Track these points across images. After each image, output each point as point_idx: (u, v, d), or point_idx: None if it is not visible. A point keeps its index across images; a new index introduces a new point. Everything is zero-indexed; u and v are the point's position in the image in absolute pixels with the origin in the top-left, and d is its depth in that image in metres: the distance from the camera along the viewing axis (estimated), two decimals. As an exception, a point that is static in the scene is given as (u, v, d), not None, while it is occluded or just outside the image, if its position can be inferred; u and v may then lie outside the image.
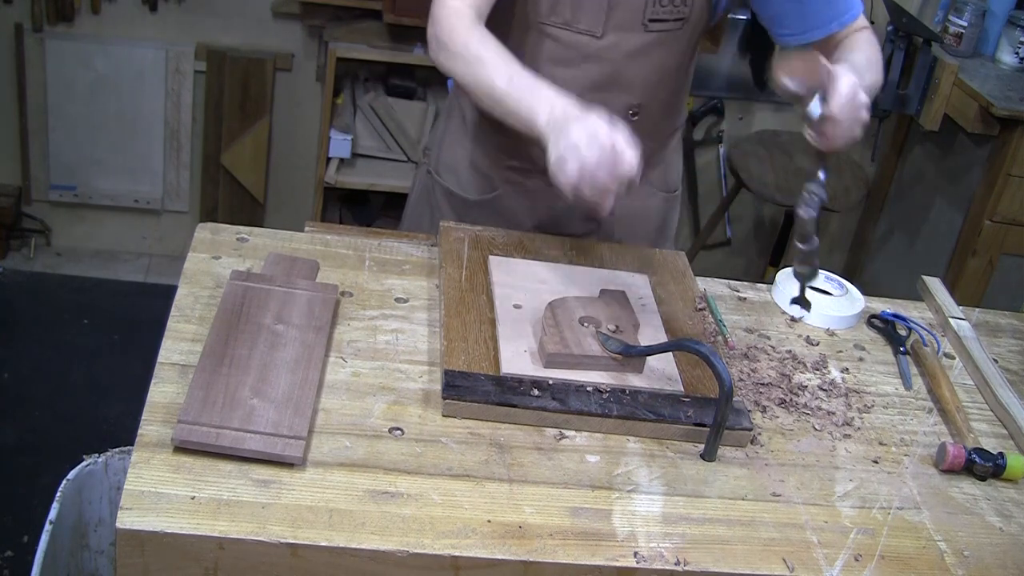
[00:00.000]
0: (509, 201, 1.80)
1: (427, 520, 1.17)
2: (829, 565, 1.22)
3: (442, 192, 1.87)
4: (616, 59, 1.64)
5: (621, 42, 1.62)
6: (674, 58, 1.68)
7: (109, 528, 1.68)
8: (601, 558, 1.17)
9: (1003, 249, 3.13)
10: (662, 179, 1.86)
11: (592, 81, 1.65)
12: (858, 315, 1.71)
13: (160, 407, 1.26)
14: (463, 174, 1.83)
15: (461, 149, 1.83)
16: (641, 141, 1.72)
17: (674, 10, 1.61)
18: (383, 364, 1.41)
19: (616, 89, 1.67)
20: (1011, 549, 1.30)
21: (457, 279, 1.56)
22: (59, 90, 3.28)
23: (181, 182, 3.51)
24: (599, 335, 1.42)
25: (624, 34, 1.61)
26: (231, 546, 1.11)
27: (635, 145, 1.32)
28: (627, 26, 1.61)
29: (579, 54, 1.63)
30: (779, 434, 1.42)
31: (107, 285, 3.44)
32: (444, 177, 1.86)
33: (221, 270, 1.53)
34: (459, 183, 1.84)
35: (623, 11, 1.59)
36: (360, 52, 3.21)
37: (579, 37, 1.62)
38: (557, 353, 1.39)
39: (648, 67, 1.66)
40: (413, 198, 1.97)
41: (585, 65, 1.64)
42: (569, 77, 1.64)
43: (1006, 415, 1.54)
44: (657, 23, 1.61)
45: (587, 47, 1.62)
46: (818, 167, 1.44)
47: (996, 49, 3.35)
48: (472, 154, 1.81)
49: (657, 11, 1.60)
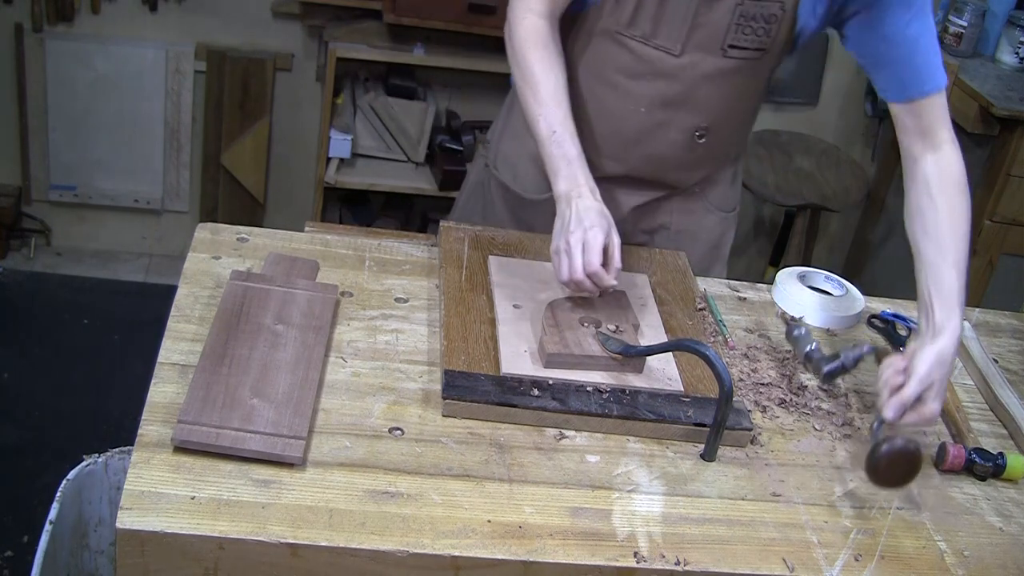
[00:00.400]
0: None
1: (427, 520, 1.17)
2: (829, 565, 1.22)
3: (497, 187, 1.85)
4: (689, 80, 1.61)
5: (698, 63, 1.60)
6: (748, 86, 1.67)
7: (109, 528, 1.68)
8: (601, 558, 1.17)
9: (1003, 249, 3.13)
10: (721, 198, 1.85)
11: (662, 98, 1.64)
12: (858, 315, 1.71)
13: (160, 407, 1.25)
14: (521, 170, 1.82)
15: (521, 145, 1.80)
16: (704, 163, 1.73)
17: (756, 40, 1.58)
18: (383, 364, 1.41)
19: (685, 110, 1.65)
20: (1011, 549, 1.30)
21: (457, 279, 1.56)
22: (59, 90, 3.28)
23: (181, 182, 3.51)
24: (599, 335, 1.42)
25: (702, 56, 1.59)
26: (231, 546, 1.11)
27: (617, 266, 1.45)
28: (706, 48, 1.58)
29: (652, 69, 1.61)
30: (779, 434, 1.42)
31: (107, 285, 3.44)
32: (501, 172, 1.84)
33: (221, 270, 1.53)
34: (516, 179, 1.83)
35: (705, 33, 1.57)
36: (360, 52, 3.21)
37: (655, 52, 1.60)
38: (557, 353, 1.39)
39: (721, 91, 1.64)
40: (467, 190, 1.95)
41: (657, 81, 1.62)
42: (639, 91, 1.64)
43: (1006, 415, 1.54)
44: (737, 50, 1.58)
45: (661, 63, 1.60)
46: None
47: (996, 49, 3.35)
48: (533, 151, 1.77)
49: (739, 38, 1.57)
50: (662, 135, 1.68)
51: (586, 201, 1.47)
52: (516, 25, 1.59)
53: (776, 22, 1.56)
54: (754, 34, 1.57)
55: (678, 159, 1.72)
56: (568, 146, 1.51)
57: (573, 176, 1.49)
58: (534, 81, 1.55)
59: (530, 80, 1.56)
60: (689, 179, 1.78)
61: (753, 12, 1.55)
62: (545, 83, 1.55)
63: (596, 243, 1.43)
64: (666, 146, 1.69)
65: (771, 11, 1.55)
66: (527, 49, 1.57)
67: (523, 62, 1.57)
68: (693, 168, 1.76)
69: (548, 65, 1.56)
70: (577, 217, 1.45)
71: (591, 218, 1.45)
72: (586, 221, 1.44)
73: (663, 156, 1.71)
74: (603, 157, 1.71)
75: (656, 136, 1.68)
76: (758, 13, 1.55)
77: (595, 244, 1.43)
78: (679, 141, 1.68)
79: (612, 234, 1.46)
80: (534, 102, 1.55)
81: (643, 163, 1.72)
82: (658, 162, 1.72)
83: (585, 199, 1.47)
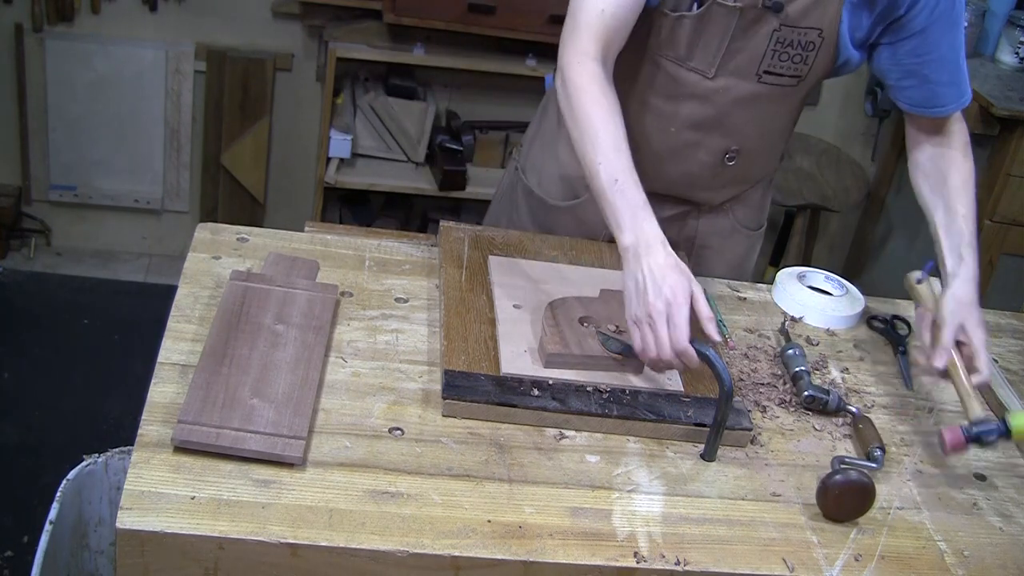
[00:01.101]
0: (590, 211, 1.69)
1: (427, 520, 1.17)
2: (829, 565, 1.22)
3: (523, 191, 1.85)
4: (722, 103, 1.61)
5: (731, 87, 1.59)
6: (782, 111, 1.66)
7: (109, 528, 1.68)
8: (601, 558, 1.17)
9: (1003, 249, 3.13)
10: (750, 217, 1.84)
11: (694, 119, 1.63)
12: (858, 315, 1.71)
13: (160, 407, 1.25)
14: (547, 176, 1.81)
15: (549, 151, 1.80)
16: (733, 184, 1.73)
17: (792, 67, 1.57)
18: (383, 364, 1.41)
19: (717, 132, 1.64)
20: (1011, 549, 1.30)
21: (457, 279, 1.56)
22: (59, 90, 3.28)
23: (181, 182, 3.51)
24: (599, 335, 1.42)
25: (736, 80, 1.58)
26: (231, 546, 1.11)
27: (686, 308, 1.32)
28: (741, 73, 1.57)
29: (686, 91, 1.60)
30: (779, 434, 1.42)
31: (107, 285, 3.44)
32: (528, 176, 1.84)
33: (221, 270, 1.53)
34: (541, 185, 1.82)
35: (740, 58, 1.56)
36: (360, 52, 3.21)
37: (689, 74, 1.59)
38: (557, 353, 1.39)
39: (753, 116, 1.63)
40: (499, 193, 1.95)
41: (689, 103, 1.61)
42: (672, 111, 1.63)
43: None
44: (772, 76, 1.58)
45: (696, 86, 1.59)
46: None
47: (996, 49, 3.35)
48: (560, 157, 1.78)
49: (775, 65, 1.56)
50: (692, 155, 1.67)
51: (658, 258, 1.33)
52: (569, 70, 1.47)
53: (814, 49, 1.55)
54: (791, 61, 1.56)
55: (707, 179, 1.71)
56: (632, 194, 1.38)
57: (639, 227, 1.36)
58: (593, 131, 1.43)
59: (587, 129, 1.44)
60: (717, 198, 1.77)
61: (791, 39, 1.54)
62: (604, 132, 1.42)
63: (682, 318, 1.31)
64: (696, 166, 1.69)
65: (809, 38, 1.54)
66: (583, 96, 1.45)
67: (579, 110, 1.45)
68: (722, 188, 1.75)
69: (606, 113, 1.44)
70: (653, 280, 1.32)
71: (671, 281, 1.32)
72: (666, 288, 1.31)
73: (692, 175, 1.70)
74: None
75: (686, 156, 1.68)
76: (796, 40, 1.54)
77: (680, 320, 1.31)
78: (709, 162, 1.68)
79: (695, 290, 1.33)
80: (592, 151, 1.42)
81: (672, 182, 1.72)
82: (687, 181, 1.72)
83: (656, 255, 1.34)
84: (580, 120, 1.45)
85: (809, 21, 1.53)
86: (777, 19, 1.52)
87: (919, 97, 1.62)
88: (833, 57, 1.58)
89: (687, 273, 1.34)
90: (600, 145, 1.41)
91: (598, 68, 1.47)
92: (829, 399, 1.46)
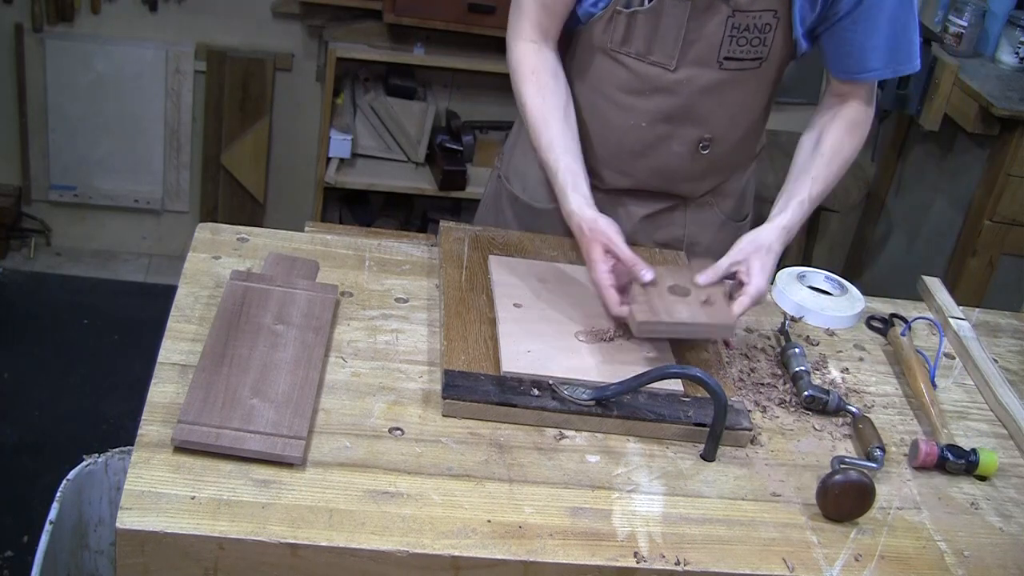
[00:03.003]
0: None
1: (427, 520, 1.17)
2: (829, 565, 1.22)
3: (508, 198, 1.85)
4: (688, 94, 1.61)
5: (694, 77, 1.60)
6: (750, 95, 1.66)
7: (109, 528, 1.68)
8: (601, 558, 1.17)
9: (1003, 249, 3.13)
10: (733, 208, 1.85)
11: (663, 112, 1.64)
12: (858, 315, 1.71)
13: (160, 407, 1.25)
14: (531, 181, 1.81)
15: (531, 155, 1.79)
16: (711, 173, 1.73)
17: (751, 50, 1.58)
18: (383, 364, 1.41)
19: (687, 123, 1.65)
20: (1011, 549, 1.30)
21: (457, 279, 1.56)
22: (59, 90, 3.28)
23: (181, 182, 3.51)
24: (561, 390, 1.38)
25: (698, 70, 1.59)
26: (231, 546, 1.11)
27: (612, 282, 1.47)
28: (702, 62, 1.58)
29: (651, 85, 1.62)
30: (779, 434, 1.42)
31: (107, 285, 3.44)
32: (512, 183, 1.85)
33: (221, 270, 1.53)
34: (526, 190, 1.83)
35: (699, 48, 1.57)
36: (360, 52, 3.21)
37: (651, 68, 1.60)
38: (647, 321, 1.40)
39: (721, 103, 1.64)
40: (484, 202, 1.96)
41: (656, 97, 1.62)
42: (640, 106, 1.64)
43: (1006, 415, 1.54)
44: (733, 61, 1.58)
45: (659, 79, 1.61)
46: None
47: (996, 49, 3.35)
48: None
49: (734, 50, 1.57)
50: (666, 148, 1.68)
51: (575, 224, 1.51)
52: (510, 52, 1.65)
53: (771, 31, 1.56)
54: (749, 45, 1.57)
55: (684, 170, 1.72)
56: (552, 170, 1.56)
57: (565, 202, 1.53)
58: (525, 110, 1.61)
59: (521, 107, 1.62)
60: (698, 189, 1.78)
61: (746, 23, 1.55)
62: (531, 107, 1.60)
63: (593, 275, 1.47)
64: (671, 158, 1.69)
65: (764, 20, 1.55)
66: (517, 75, 1.63)
67: (516, 88, 1.63)
68: (701, 178, 1.76)
69: (536, 89, 1.60)
70: (585, 253, 1.48)
71: (583, 247, 1.49)
72: (590, 258, 1.47)
73: (669, 168, 1.71)
74: (609, 170, 1.72)
75: (660, 149, 1.68)
76: (751, 24, 1.55)
77: (594, 277, 1.47)
78: (683, 153, 1.68)
79: (607, 242, 1.46)
80: (531, 131, 1.61)
81: (649, 176, 1.72)
82: (664, 174, 1.72)
83: (574, 225, 1.51)
84: (517, 97, 1.63)
85: (761, 3, 1.54)
86: (728, 6, 1.53)
87: (848, 64, 1.62)
88: (791, 36, 1.59)
89: (595, 232, 1.47)
90: (529, 120, 1.60)
91: (533, 47, 1.62)
92: (829, 399, 1.46)
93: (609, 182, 1.73)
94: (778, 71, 1.66)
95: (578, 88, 1.68)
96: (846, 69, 1.62)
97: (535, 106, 1.60)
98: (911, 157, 3.59)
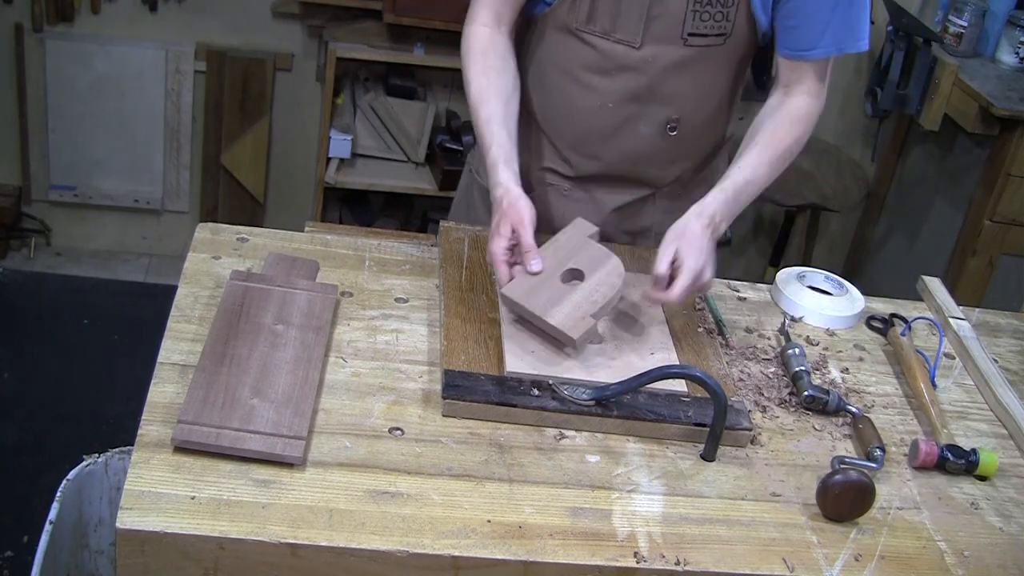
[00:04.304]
0: (545, 204, 1.77)
1: (427, 520, 1.17)
2: (829, 565, 1.22)
3: (479, 191, 1.86)
4: (653, 72, 1.62)
5: (660, 55, 1.60)
6: (715, 74, 1.66)
7: (109, 528, 1.68)
8: (601, 558, 1.17)
9: (1003, 249, 3.13)
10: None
11: (629, 92, 1.64)
12: (858, 315, 1.71)
13: (160, 407, 1.25)
14: None
15: None
16: (680, 157, 1.73)
17: (715, 25, 1.58)
18: (383, 364, 1.41)
19: (654, 102, 1.65)
20: (1011, 549, 1.30)
21: (457, 279, 1.56)
22: (59, 90, 3.28)
23: (181, 182, 3.51)
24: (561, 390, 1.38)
25: (663, 47, 1.59)
26: (231, 546, 1.11)
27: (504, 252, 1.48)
28: (666, 39, 1.59)
29: (616, 64, 1.62)
30: (779, 434, 1.42)
31: (107, 285, 3.44)
32: (482, 175, 1.84)
33: (221, 270, 1.53)
34: None
35: (662, 24, 1.57)
36: (360, 52, 3.21)
37: (616, 47, 1.60)
38: (508, 297, 1.43)
39: (688, 81, 1.64)
40: (457, 196, 1.97)
41: (622, 75, 1.63)
42: (606, 86, 1.64)
43: (1006, 415, 1.54)
44: (697, 37, 1.59)
45: (624, 57, 1.61)
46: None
47: (996, 49, 3.35)
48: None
49: (698, 25, 1.57)
50: (633, 130, 1.68)
51: (498, 196, 1.51)
52: (463, 35, 1.69)
53: (733, 5, 1.57)
54: (712, 20, 1.58)
55: (652, 153, 1.71)
56: (487, 144, 1.57)
57: (494, 174, 1.54)
58: (468, 87, 1.64)
59: (466, 85, 1.65)
60: (667, 174, 1.76)
61: None
62: (475, 85, 1.63)
63: (496, 256, 1.47)
64: (639, 140, 1.69)
65: None
66: (466, 56, 1.66)
67: (463, 68, 1.66)
68: (670, 163, 1.75)
69: (482, 69, 1.63)
70: (495, 224, 1.50)
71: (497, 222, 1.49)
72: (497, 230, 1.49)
73: (637, 151, 1.71)
74: (577, 155, 1.72)
75: (628, 131, 1.68)
76: None
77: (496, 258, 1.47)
78: (651, 135, 1.69)
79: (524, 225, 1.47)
80: (470, 105, 1.63)
81: (618, 159, 1.72)
82: (633, 158, 1.72)
83: (497, 194, 1.52)
84: (464, 78, 1.65)
85: None
86: None
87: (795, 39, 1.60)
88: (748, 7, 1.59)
89: (512, 208, 1.48)
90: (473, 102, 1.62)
91: (486, 31, 1.66)
92: (829, 399, 1.46)
93: (578, 168, 1.73)
94: (743, 51, 1.65)
95: (545, 71, 1.69)
96: (794, 45, 1.60)
97: (479, 85, 1.62)
98: (911, 157, 3.59)
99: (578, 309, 1.43)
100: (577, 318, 1.41)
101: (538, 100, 1.73)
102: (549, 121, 1.72)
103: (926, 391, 1.52)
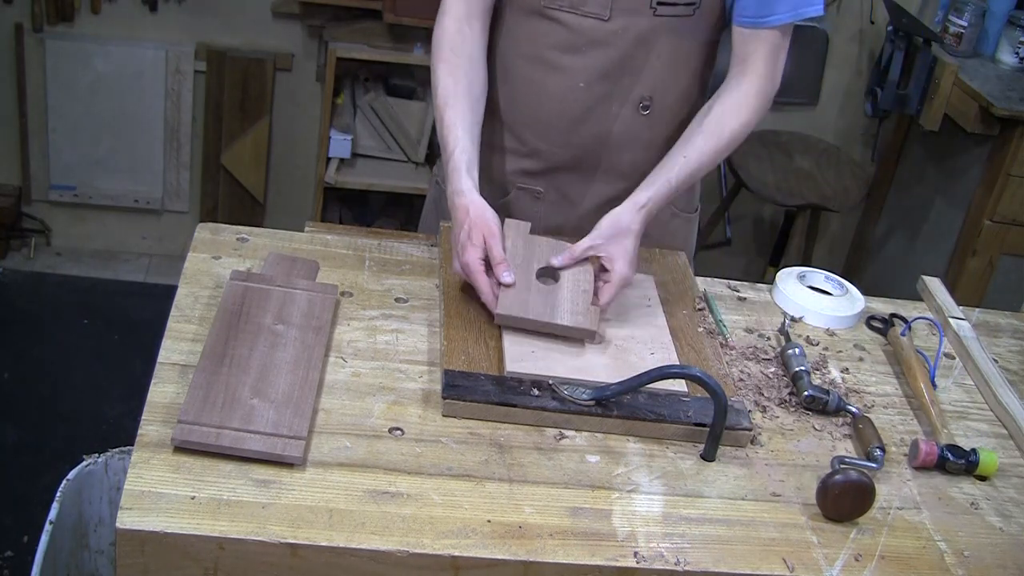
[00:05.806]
0: (520, 207, 1.77)
1: (427, 520, 1.17)
2: (829, 565, 1.22)
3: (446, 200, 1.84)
4: (624, 45, 1.61)
5: (629, 26, 1.59)
6: (686, 47, 1.65)
7: (109, 528, 1.68)
8: (601, 558, 1.17)
9: (1003, 249, 3.13)
10: (684, 200, 1.82)
11: (600, 69, 1.63)
12: (858, 315, 1.71)
13: (160, 407, 1.26)
14: None
15: None
16: (654, 141, 1.71)
17: None
18: (383, 364, 1.41)
19: (626, 78, 1.64)
20: (1011, 549, 1.30)
21: (457, 279, 1.56)
22: (59, 90, 3.28)
23: (181, 182, 3.51)
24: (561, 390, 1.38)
25: (632, 18, 1.59)
26: (231, 546, 1.11)
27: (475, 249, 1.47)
28: (635, 10, 1.58)
29: (586, 39, 1.61)
30: (779, 434, 1.42)
31: (107, 285, 3.44)
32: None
33: (221, 270, 1.53)
34: None
35: None
36: (360, 52, 3.21)
37: (585, 20, 1.60)
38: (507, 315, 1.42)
39: (658, 56, 1.63)
40: (425, 207, 1.95)
41: (593, 52, 1.62)
42: (577, 65, 1.63)
43: (1006, 415, 1.54)
44: (666, 7, 1.58)
45: (594, 32, 1.60)
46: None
47: (996, 49, 3.35)
48: (481, 158, 1.77)
49: None
50: (605, 110, 1.67)
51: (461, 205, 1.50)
52: (435, 28, 1.66)
53: None
54: None
55: (626, 136, 1.70)
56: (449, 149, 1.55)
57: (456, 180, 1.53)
58: (435, 87, 1.62)
59: (433, 85, 1.62)
60: (641, 161, 1.72)
61: None
62: (442, 86, 1.60)
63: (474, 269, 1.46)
64: (611, 122, 1.68)
65: None
66: (435, 53, 1.64)
67: (432, 65, 1.63)
68: (644, 149, 1.72)
69: (449, 69, 1.61)
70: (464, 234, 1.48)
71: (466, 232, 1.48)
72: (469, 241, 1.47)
73: (609, 133, 1.69)
74: (548, 143, 1.71)
75: (599, 112, 1.67)
76: None
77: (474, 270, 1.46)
78: (623, 115, 1.67)
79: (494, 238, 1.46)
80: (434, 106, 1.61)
81: (591, 144, 1.70)
82: (605, 141, 1.70)
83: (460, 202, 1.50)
84: (432, 76, 1.63)
85: None
86: None
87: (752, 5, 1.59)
88: None
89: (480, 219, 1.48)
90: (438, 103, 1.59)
91: (455, 25, 1.63)
92: (829, 399, 1.46)
93: (548, 158, 1.72)
94: (712, 24, 1.65)
95: (511, 62, 1.68)
96: (752, 12, 1.59)
97: (445, 86, 1.60)
98: (911, 157, 3.59)
99: (576, 302, 1.43)
100: (583, 311, 1.42)
101: (504, 94, 1.71)
102: (517, 113, 1.70)
103: (926, 391, 1.52)
